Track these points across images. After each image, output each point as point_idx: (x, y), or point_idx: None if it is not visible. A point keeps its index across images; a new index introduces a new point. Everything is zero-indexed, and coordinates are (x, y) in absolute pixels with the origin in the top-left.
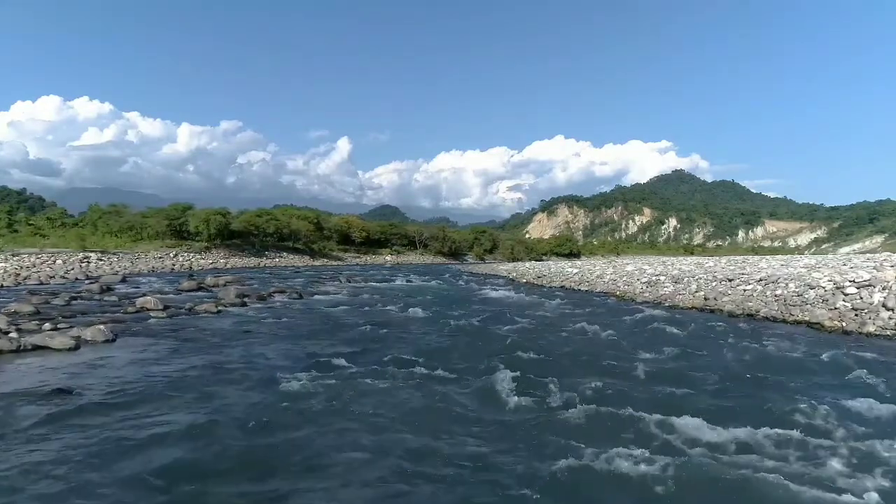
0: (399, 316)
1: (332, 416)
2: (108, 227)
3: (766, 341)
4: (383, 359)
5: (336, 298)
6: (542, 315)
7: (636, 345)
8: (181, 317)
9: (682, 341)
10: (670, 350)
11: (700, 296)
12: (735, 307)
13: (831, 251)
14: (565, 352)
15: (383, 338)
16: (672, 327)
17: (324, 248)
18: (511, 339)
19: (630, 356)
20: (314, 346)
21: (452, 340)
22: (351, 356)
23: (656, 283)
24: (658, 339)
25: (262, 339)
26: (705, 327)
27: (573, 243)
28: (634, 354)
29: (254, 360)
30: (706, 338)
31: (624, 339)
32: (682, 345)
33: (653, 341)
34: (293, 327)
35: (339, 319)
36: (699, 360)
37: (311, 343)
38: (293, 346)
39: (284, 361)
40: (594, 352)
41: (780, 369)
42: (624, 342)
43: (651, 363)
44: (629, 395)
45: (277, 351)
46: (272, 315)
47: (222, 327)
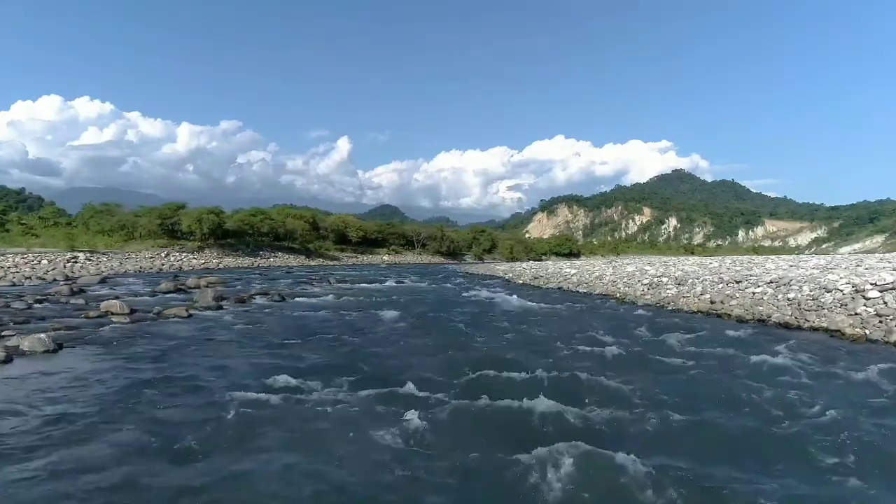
0: (378, 321)
1: (270, 448)
2: (100, 226)
3: (783, 351)
4: (347, 375)
5: (319, 301)
6: (536, 321)
7: (637, 358)
8: (146, 322)
9: (690, 352)
10: (679, 363)
11: (706, 299)
12: (744, 311)
13: (831, 251)
14: (552, 366)
15: (354, 349)
16: (678, 334)
17: (320, 248)
18: (495, 351)
19: (630, 372)
20: (277, 358)
21: (427, 353)
22: (314, 371)
23: (658, 285)
24: (663, 349)
25: (223, 349)
26: (714, 334)
27: (573, 243)
28: (635, 371)
29: (203, 374)
30: (716, 347)
31: (622, 348)
32: (691, 356)
33: (656, 351)
34: (263, 334)
35: (314, 325)
36: (712, 376)
37: (275, 353)
38: (254, 357)
39: (237, 376)
40: (585, 366)
41: (805, 387)
42: (622, 353)
43: (656, 381)
44: (628, 430)
45: (235, 363)
46: (245, 320)
47: (186, 334)
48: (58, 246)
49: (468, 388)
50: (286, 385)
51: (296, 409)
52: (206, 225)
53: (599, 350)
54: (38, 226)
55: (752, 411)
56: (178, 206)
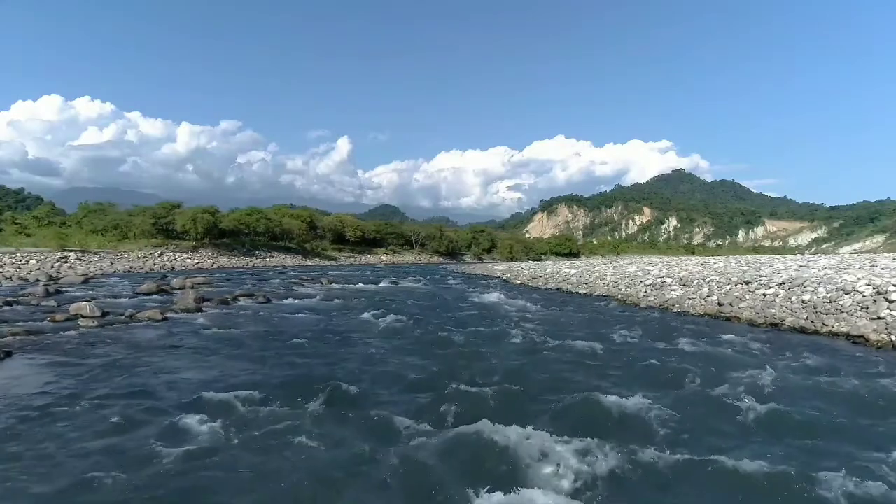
0: (364, 326)
1: (219, 483)
2: (93, 225)
3: (804, 359)
4: (315, 395)
5: (306, 303)
6: (532, 326)
7: (647, 373)
8: (115, 326)
9: (702, 363)
10: (692, 378)
11: (713, 301)
12: (755, 315)
13: (832, 251)
14: (542, 380)
15: (331, 360)
16: (686, 340)
17: (317, 248)
18: (486, 364)
19: (641, 390)
20: (243, 370)
21: (412, 366)
22: (279, 388)
23: (662, 286)
24: (673, 360)
25: (188, 358)
26: (724, 340)
27: (573, 243)
28: (646, 388)
29: (152, 390)
30: (729, 355)
31: (628, 360)
32: (704, 369)
33: (666, 362)
34: (236, 341)
35: (294, 331)
36: (733, 388)
37: (242, 365)
38: (216, 368)
39: (188, 393)
40: (587, 384)
41: (842, 406)
42: (629, 366)
43: (668, 396)
44: (644, 472)
45: (192, 376)
46: (223, 323)
47: (152, 340)
48: (48, 246)
49: (455, 413)
50: (243, 407)
51: (247, 442)
52: (200, 224)
53: (601, 363)
54: (32, 225)
55: (783, 444)
56: (173, 205)
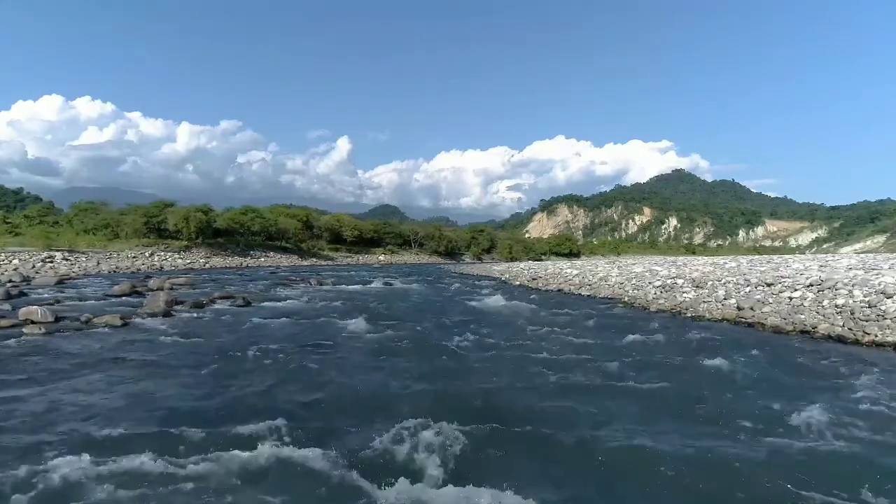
0: (343, 333)
1: None
2: (84, 224)
3: (854, 378)
4: (257, 429)
5: (288, 306)
6: (532, 332)
7: (670, 393)
8: (65, 332)
9: (730, 378)
10: (739, 405)
11: (731, 304)
12: (782, 321)
13: (832, 251)
14: (544, 413)
15: (298, 376)
16: (712, 353)
17: (313, 248)
18: (475, 383)
19: (668, 426)
20: (182, 391)
21: (394, 383)
22: (213, 418)
23: (673, 288)
24: (704, 379)
25: (122, 374)
26: (752, 351)
27: (573, 243)
28: (673, 422)
29: (71, 415)
30: (762, 370)
31: (644, 377)
32: (736, 388)
33: (695, 381)
34: (192, 352)
35: (264, 339)
36: (784, 418)
37: (185, 382)
38: (153, 387)
39: (113, 422)
40: (600, 416)
41: None
42: (648, 384)
43: (716, 441)
44: None
45: (115, 399)
46: (187, 330)
47: (96, 350)
48: (35, 245)
49: (443, 450)
50: (176, 444)
51: (169, 487)
52: (193, 223)
53: (618, 388)
54: (23, 224)
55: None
56: (166, 204)
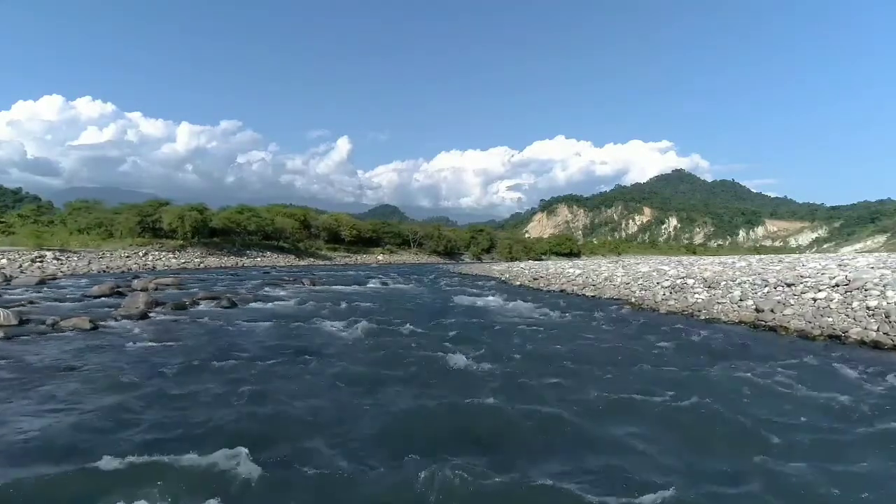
0: (330, 338)
1: None
2: (77, 223)
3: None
4: (217, 448)
5: (275, 308)
6: (536, 337)
7: (699, 411)
8: (25, 337)
9: (771, 393)
10: (770, 420)
11: (748, 306)
12: (807, 324)
13: (833, 251)
14: (556, 433)
15: (263, 396)
16: (741, 363)
17: (311, 248)
18: (471, 398)
19: (710, 467)
20: (136, 407)
21: (372, 405)
22: (177, 436)
23: (683, 288)
24: (731, 389)
25: (75, 386)
26: (785, 360)
27: (573, 243)
28: (720, 460)
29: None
30: (803, 382)
31: (661, 385)
32: (781, 405)
33: (721, 391)
34: (158, 360)
35: (242, 345)
36: (849, 450)
37: (143, 397)
38: (104, 403)
39: (28, 455)
40: (625, 450)
41: None
42: (665, 396)
43: (757, 472)
44: None
45: (63, 415)
46: (161, 335)
47: (51, 357)
48: (26, 245)
49: (434, 485)
50: (97, 481)
51: None
52: (188, 222)
53: (635, 397)
54: (17, 224)
55: None
56: (161, 203)
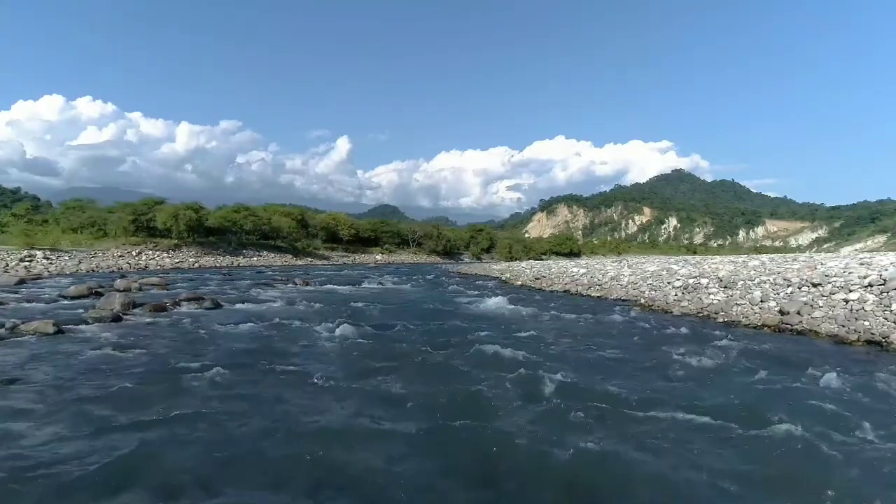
0: (314, 344)
1: None
2: (70, 222)
3: None
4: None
5: (262, 309)
6: (539, 340)
7: (750, 442)
8: None
9: (831, 417)
10: (841, 452)
11: (771, 309)
12: (840, 328)
13: (833, 251)
14: (576, 467)
15: (237, 408)
16: (776, 375)
17: (308, 247)
18: (469, 413)
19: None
20: (75, 432)
21: (358, 415)
22: (115, 472)
23: (696, 289)
24: (776, 406)
25: (9, 403)
26: (829, 372)
27: (573, 242)
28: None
29: None
30: (860, 400)
31: (692, 401)
32: (846, 430)
33: (766, 411)
34: (122, 369)
35: (219, 350)
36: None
37: (87, 417)
38: (37, 426)
39: None
40: (654, 475)
41: None
42: (702, 418)
43: None
44: None
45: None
46: (130, 340)
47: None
48: (16, 244)
49: None
50: None
51: None
52: (182, 221)
53: (662, 415)
54: (11, 223)
55: None
56: (156, 201)
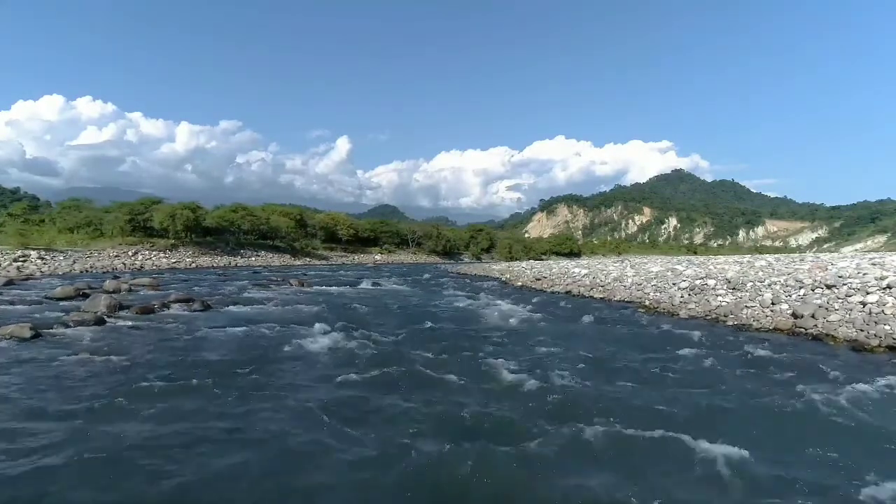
0: (306, 348)
1: None
2: (66, 222)
3: None
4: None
5: (252, 311)
6: (543, 347)
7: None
8: None
9: (860, 432)
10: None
11: (783, 311)
12: (859, 333)
13: (833, 251)
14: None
15: (211, 425)
16: (800, 386)
17: (307, 247)
18: (465, 432)
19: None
20: (30, 454)
21: (340, 436)
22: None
23: (703, 290)
24: (803, 424)
25: None
26: (851, 377)
27: (573, 242)
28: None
29: None
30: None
31: (714, 417)
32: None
33: (798, 425)
34: (96, 379)
35: (201, 356)
36: None
37: (42, 437)
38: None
39: None
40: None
41: None
42: (730, 443)
43: None
44: None
45: None
46: (111, 345)
47: None
48: (11, 244)
49: None
50: None
51: None
52: (180, 221)
53: (684, 438)
54: (7, 223)
55: None
56: (153, 201)
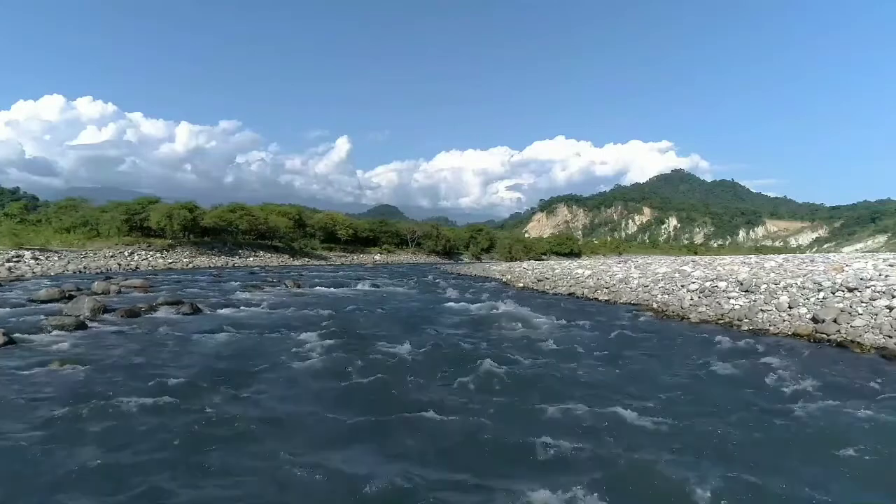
0: (295, 356)
1: None
2: (61, 222)
3: None
4: None
5: (242, 314)
6: (547, 354)
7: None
8: None
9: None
10: None
11: (802, 316)
12: (887, 339)
13: (833, 251)
14: None
15: (184, 447)
16: (838, 401)
17: (305, 247)
18: (463, 455)
19: None
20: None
21: (326, 460)
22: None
23: (714, 293)
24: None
25: None
26: (875, 390)
27: (573, 242)
28: None
29: None
30: None
31: (746, 439)
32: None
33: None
34: (62, 390)
35: (183, 364)
36: None
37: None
38: None
39: None
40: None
41: None
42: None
43: None
44: None
45: None
46: (88, 352)
47: None
48: (2, 244)
49: None
50: None
51: None
52: (177, 221)
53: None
54: (3, 222)
55: None
56: (150, 200)
